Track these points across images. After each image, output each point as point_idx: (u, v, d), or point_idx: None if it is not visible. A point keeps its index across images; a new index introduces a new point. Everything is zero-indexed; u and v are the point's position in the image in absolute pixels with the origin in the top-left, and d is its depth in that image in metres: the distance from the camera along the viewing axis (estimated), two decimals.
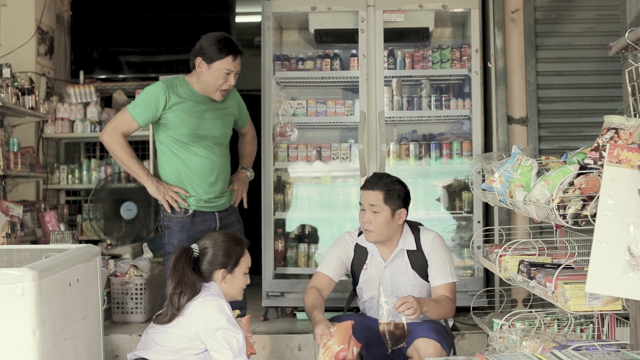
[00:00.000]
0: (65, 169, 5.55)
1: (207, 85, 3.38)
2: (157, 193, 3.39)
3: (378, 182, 3.23)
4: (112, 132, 3.36)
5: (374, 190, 3.20)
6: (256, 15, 5.18)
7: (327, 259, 3.37)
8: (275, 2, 4.75)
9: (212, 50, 3.32)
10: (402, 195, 3.25)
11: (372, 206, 3.19)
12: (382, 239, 3.27)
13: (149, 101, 3.34)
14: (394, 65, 4.78)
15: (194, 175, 3.41)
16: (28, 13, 5.38)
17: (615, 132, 2.20)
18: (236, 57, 3.36)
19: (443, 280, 3.28)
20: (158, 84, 3.39)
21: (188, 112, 3.37)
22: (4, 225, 4.39)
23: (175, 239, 3.42)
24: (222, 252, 2.91)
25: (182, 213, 3.41)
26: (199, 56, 3.36)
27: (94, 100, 5.58)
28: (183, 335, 2.78)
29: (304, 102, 4.84)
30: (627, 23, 2.32)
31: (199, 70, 3.37)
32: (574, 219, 2.30)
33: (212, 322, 2.76)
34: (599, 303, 2.35)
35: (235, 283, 2.94)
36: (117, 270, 4.54)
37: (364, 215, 3.23)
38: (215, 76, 3.35)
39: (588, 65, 4.54)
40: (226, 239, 2.97)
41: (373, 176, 3.32)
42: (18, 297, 2.37)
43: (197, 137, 3.39)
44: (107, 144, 3.39)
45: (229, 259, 2.92)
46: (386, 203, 3.19)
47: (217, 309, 2.78)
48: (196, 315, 2.78)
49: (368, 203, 3.20)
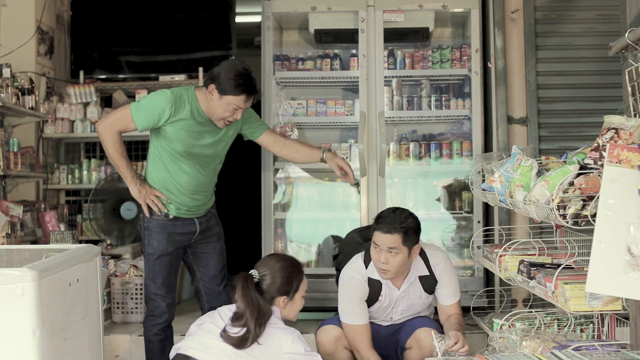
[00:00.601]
0: (65, 169, 5.55)
1: (213, 112, 3.36)
2: (138, 196, 3.39)
3: (394, 223, 3.14)
4: (108, 126, 3.33)
5: (392, 234, 3.13)
6: (256, 15, 5.18)
7: (353, 309, 3.28)
8: (275, 2, 4.75)
9: (229, 84, 3.26)
10: (416, 229, 3.21)
11: (391, 248, 3.15)
12: (397, 276, 3.27)
13: (153, 110, 3.31)
14: (394, 65, 4.78)
15: (178, 187, 3.42)
16: (28, 13, 5.38)
17: (615, 132, 2.20)
18: (250, 96, 3.32)
19: (454, 299, 3.37)
20: (166, 94, 3.32)
21: (188, 130, 3.35)
22: (4, 225, 4.39)
23: (155, 240, 3.41)
24: (281, 280, 2.87)
25: (163, 216, 3.41)
26: (213, 83, 3.30)
27: (94, 100, 5.57)
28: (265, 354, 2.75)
29: (304, 102, 4.84)
30: (627, 23, 2.32)
31: (210, 97, 3.33)
32: (574, 219, 2.30)
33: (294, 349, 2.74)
34: (599, 303, 2.36)
35: (294, 308, 2.93)
36: (117, 270, 4.55)
37: (380, 256, 3.17)
38: (223, 108, 3.32)
39: (588, 65, 4.54)
40: (285, 266, 2.92)
41: (388, 217, 3.19)
42: (18, 297, 2.37)
43: (189, 155, 3.38)
44: (102, 136, 3.35)
45: (290, 286, 2.89)
46: (404, 244, 3.15)
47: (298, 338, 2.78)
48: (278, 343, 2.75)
49: (387, 247, 3.15)
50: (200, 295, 3.60)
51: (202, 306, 3.60)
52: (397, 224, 3.13)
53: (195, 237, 3.49)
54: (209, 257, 3.56)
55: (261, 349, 2.74)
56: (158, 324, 3.47)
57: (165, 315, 3.47)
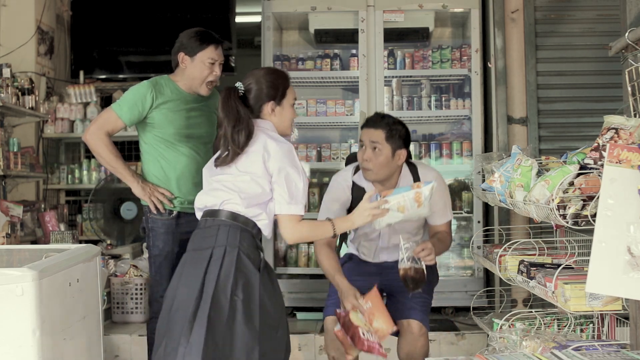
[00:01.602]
0: (65, 169, 5.55)
1: (193, 79, 3.37)
2: (142, 194, 3.36)
3: (381, 121, 3.18)
4: (96, 131, 3.30)
5: (376, 129, 3.15)
6: (256, 15, 5.18)
7: (328, 207, 3.27)
8: (275, 2, 4.75)
9: (193, 43, 3.33)
10: (403, 135, 3.20)
11: (373, 143, 3.14)
12: (380, 178, 3.21)
13: (135, 100, 3.32)
14: (394, 65, 4.78)
15: (179, 175, 3.39)
16: (28, 13, 5.38)
17: (615, 132, 2.20)
18: (218, 46, 3.37)
19: (443, 220, 3.28)
20: (144, 83, 3.36)
21: (174, 110, 3.36)
22: (4, 225, 4.39)
23: (161, 241, 3.39)
24: (266, 84, 2.81)
25: (167, 214, 3.39)
26: (180, 52, 3.36)
27: (94, 100, 5.58)
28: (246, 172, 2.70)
29: (304, 102, 4.84)
30: (627, 23, 2.32)
31: (183, 66, 3.37)
32: (574, 219, 2.30)
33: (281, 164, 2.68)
34: (599, 303, 2.36)
35: (284, 115, 2.85)
36: (117, 270, 4.54)
37: (364, 153, 3.17)
38: (200, 68, 3.35)
39: (588, 65, 4.54)
40: (269, 71, 2.91)
41: (375, 115, 3.28)
42: (18, 297, 2.37)
43: (183, 137, 3.37)
44: (91, 144, 3.32)
45: (276, 91, 2.83)
46: (387, 142, 3.14)
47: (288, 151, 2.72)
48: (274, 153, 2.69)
49: (369, 140, 3.15)
50: None
51: None
52: (383, 121, 3.17)
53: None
54: None
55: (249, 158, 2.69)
56: None
57: None
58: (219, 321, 2.53)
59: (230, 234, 2.66)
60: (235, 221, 2.68)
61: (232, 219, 2.68)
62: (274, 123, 2.82)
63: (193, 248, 2.72)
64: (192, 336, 2.52)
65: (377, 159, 3.14)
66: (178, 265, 2.77)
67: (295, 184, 2.67)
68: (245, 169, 2.69)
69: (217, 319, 2.53)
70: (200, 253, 2.66)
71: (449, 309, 4.58)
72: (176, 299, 2.64)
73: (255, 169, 2.68)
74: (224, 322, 2.54)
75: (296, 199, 2.66)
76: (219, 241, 2.66)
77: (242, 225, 2.68)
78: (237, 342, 2.55)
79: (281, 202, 2.66)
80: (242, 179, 2.69)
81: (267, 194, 2.70)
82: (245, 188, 2.69)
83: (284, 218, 2.67)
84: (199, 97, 3.44)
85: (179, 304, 2.61)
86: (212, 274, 2.60)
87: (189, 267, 2.67)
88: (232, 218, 2.68)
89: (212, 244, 2.66)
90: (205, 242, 2.68)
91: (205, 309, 2.54)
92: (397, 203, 2.80)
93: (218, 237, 2.66)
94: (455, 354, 4.00)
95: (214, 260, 2.63)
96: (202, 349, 2.48)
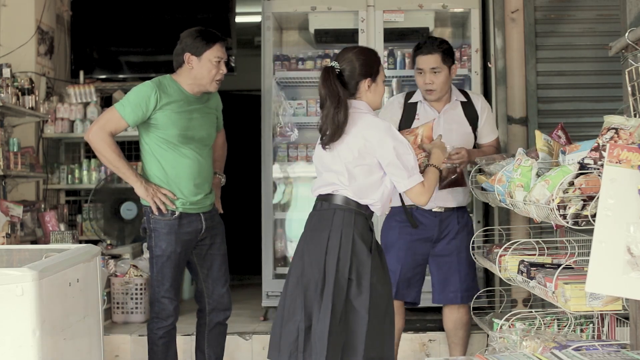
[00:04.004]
0: (65, 169, 5.55)
1: (201, 78, 3.37)
2: (145, 194, 3.36)
3: (433, 45, 3.53)
4: (98, 131, 3.30)
5: (433, 54, 3.52)
6: (256, 15, 5.18)
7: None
8: (275, 2, 4.75)
9: (199, 43, 3.35)
10: (452, 51, 3.59)
11: (433, 68, 3.51)
12: (442, 96, 3.59)
13: (139, 100, 3.31)
14: (394, 65, 4.78)
15: (181, 176, 3.39)
16: (28, 13, 5.38)
17: (615, 132, 2.20)
18: (223, 44, 3.41)
19: (492, 136, 3.72)
20: (147, 83, 3.35)
21: (178, 111, 3.35)
22: (4, 225, 4.39)
23: (163, 241, 3.39)
24: (363, 62, 2.90)
25: (169, 215, 3.39)
26: (186, 52, 3.36)
27: (94, 100, 5.57)
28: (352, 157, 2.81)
29: (304, 102, 4.84)
30: (627, 23, 2.32)
31: (189, 66, 3.36)
32: (574, 219, 2.30)
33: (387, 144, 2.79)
34: (599, 303, 2.36)
35: (378, 91, 2.95)
36: (117, 270, 4.55)
37: (425, 77, 3.53)
38: (208, 67, 3.35)
39: (588, 65, 4.54)
40: (362, 50, 3.00)
41: (426, 42, 3.59)
42: (18, 297, 2.37)
43: (185, 138, 3.37)
44: (94, 143, 3.32)
45: (371, 68, 2.92)
46: (444, 63, 3.52)
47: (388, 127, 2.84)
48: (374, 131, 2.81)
49: (429, 67, 3.51)
50: (201, 296, 3.57)
51: (203, 308, 3.58)
52: (436, 45, 3.54)
53: (201, 235, 3.47)
54: (214, 258, 3.54)
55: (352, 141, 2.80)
56: (164, 327, 3.43)
57: (171, 318, 3.44)
58: (339, 300, 2.73)
59: (345, 218, 2.81)
60: (349, 205, 2.82)
61: (345, 203, 2.83)
62: (368, 100, 2.93)
63: (311, 229, 2.89)
64: (321, 311, 2.72)
65: (438, 79, 3.53)
66: (298, 244, 2.92)
67: (407, 157, 2.81)
68: (350, 153, 2.81)
69: (337, 298, 2.72)
70: (320, 234, 2.82)
71: None
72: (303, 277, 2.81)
73: (358, 153, 2.80)
74: (343, 301, 2.73)
75: (413, 170, 2.82)
76: (335, 224, 2.82)
77: (356, 209, 2.83)
78: (351, 317, 2.75)
79: (403, 179, 2.81)
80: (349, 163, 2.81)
81: (374, 177, 2.84)
82: (356, 174, 2.82)
83: (413, 191, 2.83)
84: (201, 98, 3.44)
85: (307, 282, 2.78)
86: (332, 256, 2.77)
87: (312, 247, 2.83)
88: (345, 202, 2.83)
89: (329, 227, 2.81)
90: (322, 224, 2.84)
91: (330, 290, 2.72)
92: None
93: (334, 221, 2.82)
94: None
95: (332, 243, 2.79)
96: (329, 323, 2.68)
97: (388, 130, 2.82)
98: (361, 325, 2.73)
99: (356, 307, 2.74)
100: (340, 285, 2.74)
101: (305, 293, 2.76)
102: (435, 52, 3.52)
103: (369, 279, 2.77)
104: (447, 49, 3.55)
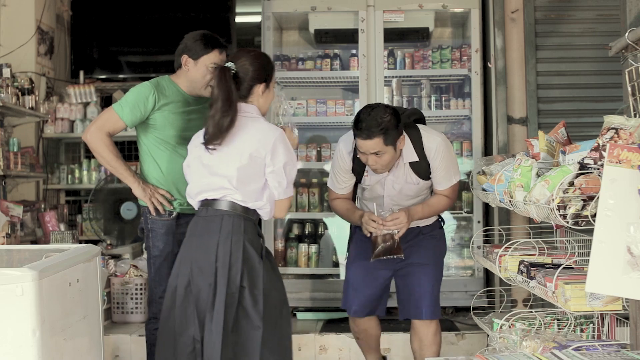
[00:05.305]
0: (65, 169, 5.55)
1: (195, 82, 3.37)
2: (143, 195, 3.35)
3: (372, 128, 3.06)
4: (96, 131, 3.29)
5: (373, 139, 3.08)
6: (256, 15, 5.18)
7: (333, 175, 3.44)
8: (275, 2, 4.75)
9: (198, 47, 3.33)
10: (396, 124, 3.11)
11: (374, 152, 3.12)
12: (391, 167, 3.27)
13: (137, 101, 3.31)
14: (394, 65, 4.78)
15: (178, 177, 3.38)
16: (28, 13, 5.38)
17: (615, 132, 2.20)
18: (222, 51, 3.38)
19: (446, 185, 3.34)
20: (145, 84, 3.35)
21: (175, 112, 3.35)
22: (4, 225, 4.39)
23: (161, 242, 3.38)
24: (259, 67, 2.87)
25: (167, 215, 3.38)
26: (184, 54, 3.35)
27: (94, 100, 5.58)
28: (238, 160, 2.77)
29: (304, 102, 4.84)
30: (627, 23, 2.32)
31: (186, 68, 3.36)
32: (574, 219, 2.30)
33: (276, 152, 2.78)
34: (599, 303, 2.36)
35: (269, 97, 2.93)
36: (117, 270, 4.54)
37: (368, 158, 3.16)
38: (202, 72, 3.35)
39: (588, 65, 4.54)
40: (258, 55, 2.95)
41: (365, 122, 3.09)
42: (18, 297, 2.37)
43: (183, 139, 3.36)
44: (92, 144, 3.31)
45: (266, 73, 2.89)
46: (387, 144, 3.10)
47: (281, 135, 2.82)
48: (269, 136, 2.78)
49: (370, 152, 3.12)
50: None
51: None
52: (375, 127, 3.06)
53: None
54: None
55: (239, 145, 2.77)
56: None
57: None
58: (231, 309, 2.69)
59: (234, 224, 2.77)
60: (237, 210, 2.78)
61: (233, 209, 2.78)
62: (259, 105, 2.89)
63: (196, 235, 2.81)
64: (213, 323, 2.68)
65: (383, 160, 3.16)
66: (181, 251, 2.86)
67: (291, 169, 2.82)
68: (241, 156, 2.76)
69: (229, 307, 2.68)
70: (207, 241, 2.76)
71: (449, 309, 4.58)
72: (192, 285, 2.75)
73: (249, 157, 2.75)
74: (235, 310, 2.70)
75: (291, 183, 2.85)
76: (223, 231, 2.77)
77: (244, 214, 2.79)
78: (245, 326, 2.70)
79: (282, 187, 2.81)
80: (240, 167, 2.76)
81: (261, 182, 2.80)
82: (246, 178, 2.77)
83: (284, 202, 2.86)
84: (199, 99, 3.44)
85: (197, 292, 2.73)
86: (223, 264, 2.72)
87: (200, 255, 2.77)
88: (233, 208, 2.78)
89: (217, 233, 2.76)
90: (209, 230, 2.77)
91: (221, 299, 2.68)
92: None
93: (223, 227, 2.77)
94: (455, 354, 4.00)
95: (222, 250, 2.73)
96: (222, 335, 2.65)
97: (281, 138, 2.79)
98: (256, 334, 2.69)
99: (250, 316, 2.70)
100: (232, 293, 2.69)
101: (197, 303, 2.70)
102: (375, 137, 3.06)
103: (261, 286, 2.73)
104: (388, 126, 3.06)
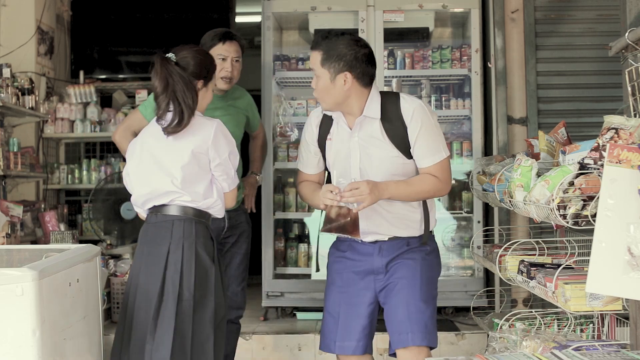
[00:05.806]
0: (65, 169, 5.55)
1: None
2: None
3: (321, 41, 2.68)
4: (124, 131, 3.40)
5: (313, 50, 2.69)
6: (256, 15, 5.18)
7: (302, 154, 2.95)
8: (275, 2, 4.75)
9: (207, 41, 3.43)
10: (347, 57, 2.64)
11: (313, 69, 2.70)
12: (330, 108, 2.74)
13: None
14: (394, 65, 4.78)
15: None
16: (28, 13, 5.38)
17: (615, 132, 2.20)
18: (226, 41, 3.42)
19: (431, 160, 2.71)
20: None
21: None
22: (4, 225, 4.39)
23: None
24: (200, 62, 2.78)
25: None
26: None
27: (94, 100, 5.57)
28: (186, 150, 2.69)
29: (304, 102, 4.83)
30: (627, 23, 2.32)
31: None
32: (574, 219, 2.30)
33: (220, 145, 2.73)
34: (599, 303, 2.36)
35: (207, 97, 2.84)
36: (117, 270, 4.55)
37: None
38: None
39: (588, 65, 4.54)
40: (200, 50, 2.86)
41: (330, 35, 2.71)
42: (18, 297, 2.37)
43: None
44: (119, 144, 3.42)
45: (207, 71, 2.80)
46: (323, 66, 2.65)
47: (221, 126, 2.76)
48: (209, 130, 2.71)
49: (310, 66, 2.74)
50: None
51: None
52: (324, 42, 2.66)
53: (224, 233, 3.46)
54: (234, 255, 3.53)
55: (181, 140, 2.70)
56: None
57: None
58: (184, 317, 2.63)
59: (185, 229, 2.70)
60: (187, 214, 2.72)
61: (184, 213, 2.72)
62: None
63: (147, 242, 2.75)
64: (158, 333, 2.61)
65: (317, 86, 2.70)
66: (135, 260, 2.82)
67: (235, 158, 2.79)
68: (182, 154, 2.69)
69: (182, 315, 2.63)
70: (159, 248, 2.70)
71: (449, 309, 4.58)
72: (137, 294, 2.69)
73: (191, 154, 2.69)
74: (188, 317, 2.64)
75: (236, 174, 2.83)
76: (174, 236, 2.70)
77: (195, 217, 2.73)
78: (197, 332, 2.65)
79: (229, 179, 2.78)
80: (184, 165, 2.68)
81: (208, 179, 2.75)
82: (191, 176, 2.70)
83: (232, 192, 2.83)
84: (225, 97, 3.46)
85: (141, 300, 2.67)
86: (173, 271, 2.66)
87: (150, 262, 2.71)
88: (184, 212, 2.72)
89: (168, 239, 2.70)
90: (160, 237, 2.71)
91: (172, 307, 2.62)
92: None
93: (174, 232, 2.70)
94: (455, 354, 4.00)
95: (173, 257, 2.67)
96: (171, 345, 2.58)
97: (220, 128, 2.74)
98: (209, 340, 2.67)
99: (203, 322, 2.67)
100: (184, 300, 2.65)
101: (147, 310, 2.66)
102: (317, 48, 2.68)
103: (213, 292, 2.71)
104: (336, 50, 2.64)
